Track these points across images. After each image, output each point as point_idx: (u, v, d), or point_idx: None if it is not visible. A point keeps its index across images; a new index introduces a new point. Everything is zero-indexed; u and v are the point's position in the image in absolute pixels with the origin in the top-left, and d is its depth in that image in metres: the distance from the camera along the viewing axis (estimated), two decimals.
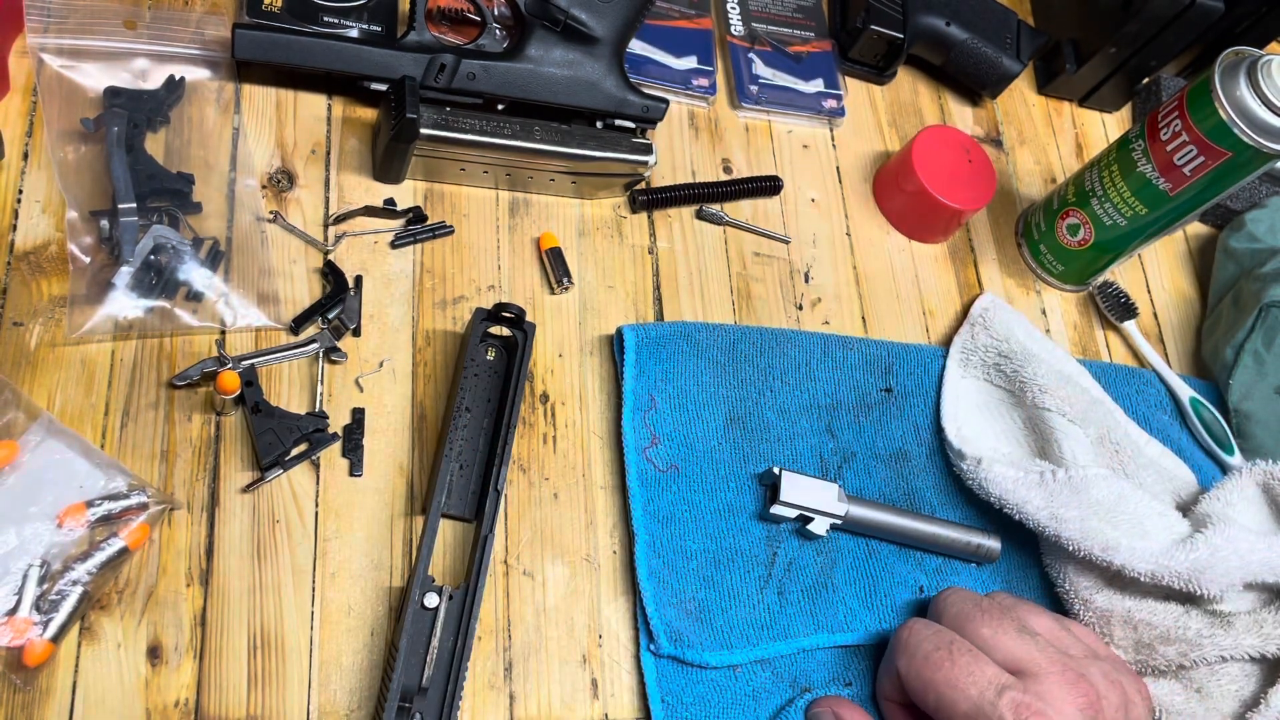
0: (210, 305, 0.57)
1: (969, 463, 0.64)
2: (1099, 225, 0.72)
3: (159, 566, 0.51)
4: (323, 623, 0.52)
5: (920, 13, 0.78)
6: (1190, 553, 0.57)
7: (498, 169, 0.64)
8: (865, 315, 0.72)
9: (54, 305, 0.55)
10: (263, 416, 0.54)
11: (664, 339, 0.63)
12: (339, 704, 0.51)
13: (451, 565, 0.56)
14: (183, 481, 0.53)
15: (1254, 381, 0.72)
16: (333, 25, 0.64)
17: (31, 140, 0.58)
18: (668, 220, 0.70)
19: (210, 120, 0.61)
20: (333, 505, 0.55)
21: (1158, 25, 0.78)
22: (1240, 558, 0.58)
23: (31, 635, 0.47)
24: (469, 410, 0.58)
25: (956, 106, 0.84)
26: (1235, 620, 0.58)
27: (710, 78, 0.74)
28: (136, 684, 0.49)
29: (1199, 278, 0.83)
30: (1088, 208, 0.72)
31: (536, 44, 0.64)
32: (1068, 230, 0.74)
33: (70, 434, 0.52)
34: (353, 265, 0.61)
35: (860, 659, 0.59)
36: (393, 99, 0.60)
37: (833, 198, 0.75)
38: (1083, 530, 0.59)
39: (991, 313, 0.70)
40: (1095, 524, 0.59)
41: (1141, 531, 0.59)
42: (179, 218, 0.57)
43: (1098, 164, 0.72)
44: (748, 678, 0.57)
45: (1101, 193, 0.70)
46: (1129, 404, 0.71)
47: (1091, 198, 0.71)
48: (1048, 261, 0.77)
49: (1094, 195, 0.71)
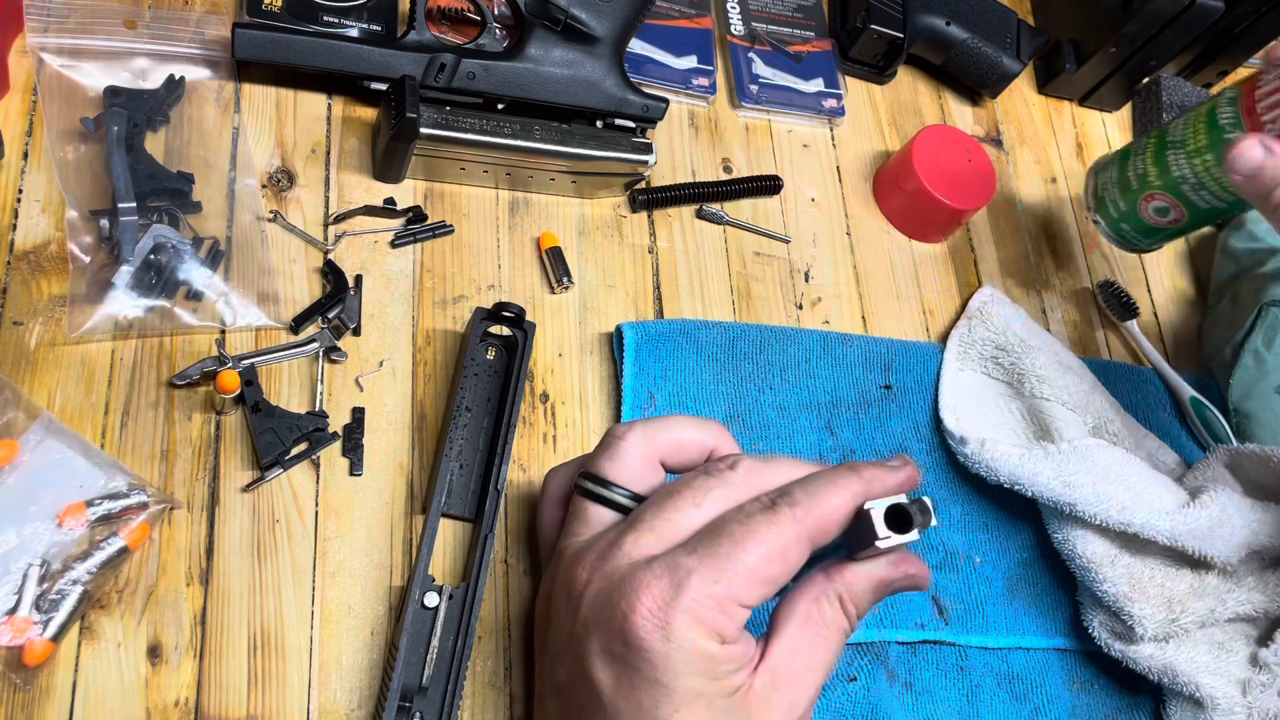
0: (210, 304, 0.57)
1: (972, 446, 0.63)
2: (1194, 209, 0.66)
3: (159, 566, 0.51)
4: (323, 622, 0.52)
5: (920, 12, 0.78)
6: (1203, 510, 0.59)
7: (498, 168, 0.64)
8: (865, 315, 0.72)
9: (54, 305, 0.55)
10: (263, 416, 0.54)
11: (663, 336, 0.63)
12: (339, 703, 0.51)
13: (452, 565, 0.56)
14: (183, 481, 0.53)
15: (1254, 381, 0.72)
16: (333, 25, 0.64)
17: (31, 140, 0.58)
18: (668, 220, 0.70)
19: (210, 120, 0.61)
20: (333, 504, 0.55)
21: (1158, 25, 0.78)
22: (1243, 516, 0.59)
23: (31, 634, 0.47)
24: (469, 409, 0.58)
25: (956, 106, 0.84)
26: (1243, 579, 0.60)
27: (710, 77, 0.74)
28: (136, 683, 0.49)
29: (1199, 277, 0.83)
30: (1178, 193, 0.66)
31: (537, 43, 0.64)
32: (1155, 212, 0.68)
33: (70, 433, 0.52)
34: (353, 264, 0.61)
35: (862, 655, 0.59)
36: (393, 98, 0.60)
37: (833, 197, 0.75)
38: (1097, 495, 0.59)
39: (990, 306, 0.70)
40: (1108, 488, 0.59)
41: (1151, 495, 0.60)
42: (179, 217, 0.57)
43: (1181, 145, 0.65)
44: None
45: (1195, 180, 0.65)
46: (1129, 401, 0.72)
47: (1182, 184, 0.65)
48: (1131, 236, 0.71)
49: (1184, 182, 0.65)
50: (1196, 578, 0.60)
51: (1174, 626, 0.59)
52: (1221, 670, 0.59)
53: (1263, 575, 0.61)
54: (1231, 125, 0.61)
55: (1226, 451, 0.67)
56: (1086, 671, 0.63)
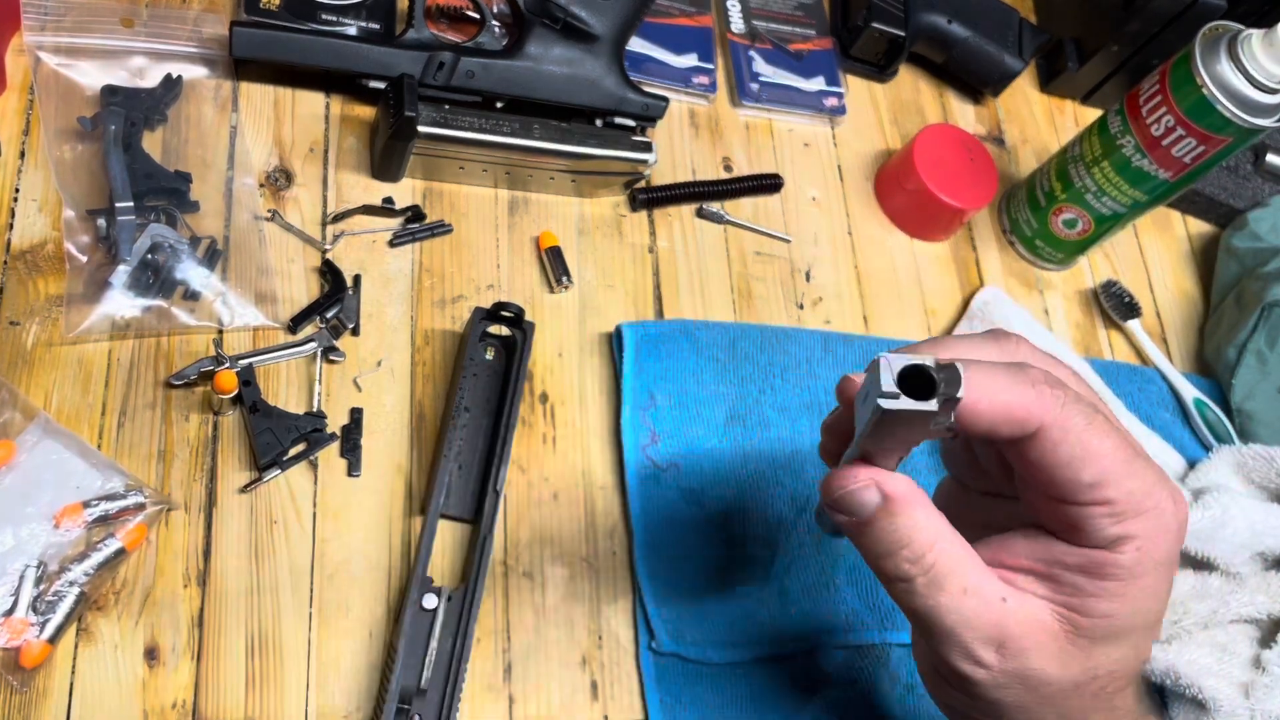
0: (208, 304, 0.56)
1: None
2: (1098, 217, 0.72)
3: (156, 567, 0.51)
4: (321, 624, 0.52)
5: (922, 11, 0.78)
6: (1205, 511, 0.59)
7: (497, 167, 0.64)
8: (867, 314, 0.71)
9: (51, 304, 0.54)
10: (260, 416, 0.54)
11: (663, 336, 0.63)
12: (337, 705, 0.51)
13: (450, 566, 0.55)
14: (180, 482, 0.53)
15: (1257, 381, 0.72)
16: (331, 23, 0.64)
17: (28, 139, 0.58)
18: (668, 219, 0.69)
19: (208, 118, 0.61)
20: (331, 505, 0.55)
21: (1159, 23, 0.77)
22: (1247, 518, 0.59)
23: (28, 636, 0.47)
24: (468, 410, 0.58)
25: (958, 104, 0.83)
26: (1246, 581, 0.60)
27: (710, 75, 0.74)
28: (134, 685, 0.49)
29: (1201, 277, 0.83)
30: (1082, 203, 0.72)
31: (536, 42, 0.63)
32: (1064, 225, 0.73)
33: (67, 434, 0.51)
34: (351, 264, 0.61)
35: (863, 659, 0.59)
36: (391, 97, 0.60)
37: (834, 196, 0.75)
38: None
39: (991, 306, 0.70)
40: None
41: None
42: (176, 216, 0.57)
43: (1080, 159, 0.71)
44: (747, 678, 0.57)
45: (1096, 189, 0.70)
46: (1132, 401, 0.71)
47: (1085, 194, 0.71)
48: (1045, 253, 0.76)
49: (1087, 191, 0.71)
50: (1199, 579, 0.60)
51: (1176, 628, 0.59)
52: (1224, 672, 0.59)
53: (1266, 577, 0.60)
54: (1120, 132, 0.68)
55: (1229, 452, 0.67)
56: None
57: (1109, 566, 0.37)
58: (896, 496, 0.37)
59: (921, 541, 0.37)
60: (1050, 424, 0.36)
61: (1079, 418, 0.36)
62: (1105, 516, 0.37)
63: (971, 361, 0.36)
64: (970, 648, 0.38)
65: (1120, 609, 0.38)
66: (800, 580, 0.60)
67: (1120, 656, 0.39)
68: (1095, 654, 0.38)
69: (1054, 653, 0.38)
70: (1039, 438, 0.36)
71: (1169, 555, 0.38)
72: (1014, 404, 0.36)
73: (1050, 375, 0.37)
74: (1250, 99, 0.62)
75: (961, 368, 0.33)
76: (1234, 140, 0.64)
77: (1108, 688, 0.40)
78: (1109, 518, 0.37)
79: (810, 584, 0.60)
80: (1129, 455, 0.37)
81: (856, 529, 0.39)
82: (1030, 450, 0.37)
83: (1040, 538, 0.39)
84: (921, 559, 0.37)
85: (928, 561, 0.37)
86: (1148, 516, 0.37)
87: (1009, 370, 0.36)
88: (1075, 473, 0.36)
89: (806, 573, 0.60)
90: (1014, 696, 0.39)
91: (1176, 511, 0.38)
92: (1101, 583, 0.37)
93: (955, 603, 0.37)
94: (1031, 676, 0.38)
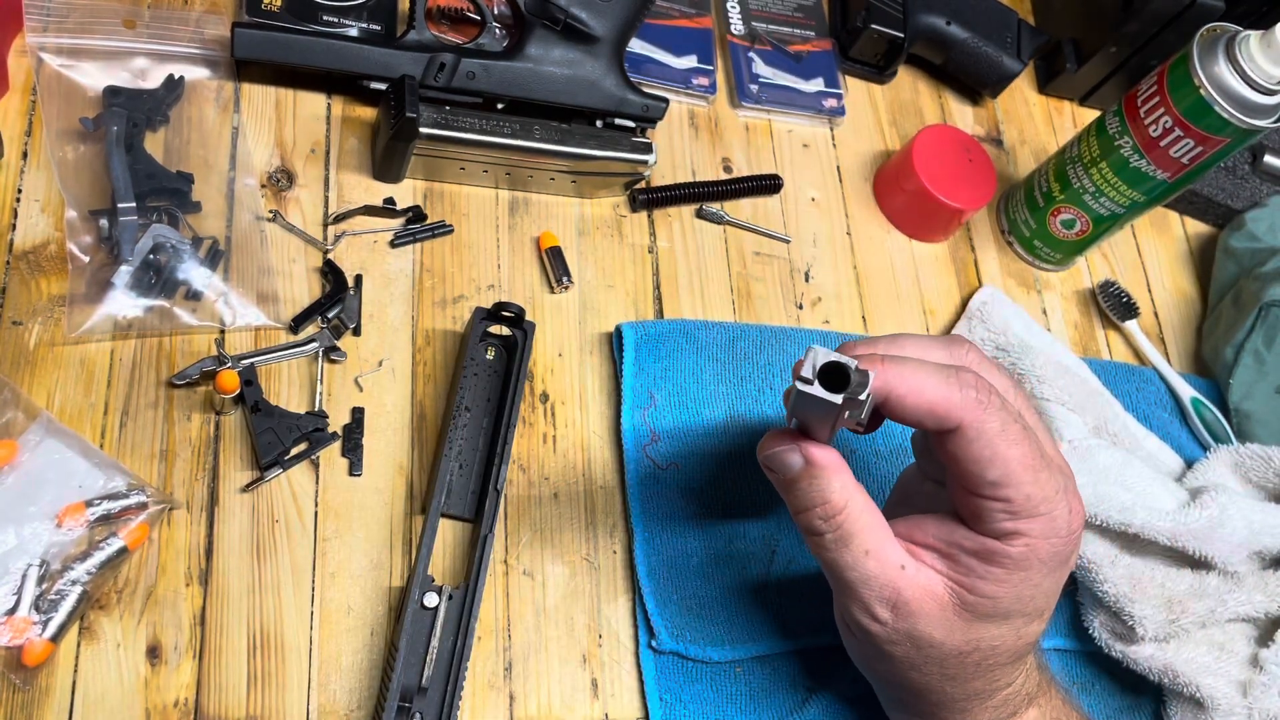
0: (209, 304, 0.57)
1: None
2: (1096, 217, 0.72)
3: (158, 566, 0.51)
4: (322, 622, 0.52)
5: (920, 12, 0.78)
6: (1203, 511, 0.59)
7: (497, 168, 0.64)
8: (866, 315, 0.71)
9: (53, 304, 0.54)
10: (262, 416, 0.54)
11: (663, 336, 0.63)
12: (339, 704, 0.51)
13: (451, 565, 0.55)
14: (182, 481, 0.53)
15: (1254, 381, 0.72)
16: (332, 24, 0.64)
17: (31, 139, 0.58)
18: (668, 219, 0.70)
19: (209, 119, 0.61)
20: (332, 505, 0.55)
21: (1158, 24, 0.78)
22: (1245, 517, 0.59)
23: (31, 635, 0.47)
24: (469, 409, 0.58)
25: (957, 105, 0.84)
26: (1244, 580, 0.60)
27: (710, 77, 0.74)
28: (136, 684, 0.49)
29: (1199, 277, 0.83)
30: (1080, 203, 0.72)
31: (536, 43, 0.63)
32: (1062, 225, 0.74)
33: (69, 433, 0.52)
34: (352, 264, 0.61)
35: None
36: (392, 98, 0.60)
37: (833, 197, 0.75)
38: (1097, 495, 0.59)
39: (990, 306, 0.70)
40: (1107, 488, 0.60)
41: (1151, 495, 0.60)
42: (178, 217, 0.57)
43: (1078, 159, 0.71)
44: (747, 676, 0.57)
45: (1094, 189, 0.70)
46: (1129, 401, 0.72)
47: (1083, 194, 0.71)
48: (1044, 253, 0.77)
49: (1085, 192, 0.71)
50: (1197, 578, 0.60)
51: (1174, 627, 0.59)
52: (1222, 671, 0.59)
53: (1263, 576, 0.61)
54: (1118, 133, 0.68)
55: (1227, 451, 0.67)
56: (1087, 672, 0.63)
57: (999, 555, 0.42)
58: (818, 462, 0.43)
59: (834, 503, 0.43)
60: (969, 424, 0.41)
61: (995, 423, 0.41)
62: (1002, 512, 0.42)
63: (911, 360, 0.41)
64: (868, 604, 0.44)
65: (1004, 593, 0.43)
66: (800, 579, 0.60)
67: (1000, 634, 0.44)
68: (977, 628, 0.43)
69: (941, 620, 0.43)
70: (958, 434, 0.41)
71: (1056, 556, 0.43)
72: (938, 401, 0.41)
73: (983, 381, 0.42)
74: (1248, 100, 0.62)
75: (873, 375, 0.39)
76: (1232, 141, 0.64)
77: (988, 659, 0.45)
78: (1005, 514, 0.42)
79: (810, 582, 0.60)
80: (1035, 464, 0.41)
81: (782, 485, 0.45)
82: (950, 444, 0.42)
83: (949, 522, 0.44)
84: (832, 519, 0.43)
85: (837, 521, 0.43)
86: (1041, 520, 0.42)
87: (942, 371, 0.41)
88: (982, 470, 0.41)
89: (806, 571, 0.60)
90: (903, 653, 0.44)
91: (1070, 520, 0.43)
92: (991, 568, 0.42)
93: (858, 561, 0.43)
94: (920, 637, 0.44)
